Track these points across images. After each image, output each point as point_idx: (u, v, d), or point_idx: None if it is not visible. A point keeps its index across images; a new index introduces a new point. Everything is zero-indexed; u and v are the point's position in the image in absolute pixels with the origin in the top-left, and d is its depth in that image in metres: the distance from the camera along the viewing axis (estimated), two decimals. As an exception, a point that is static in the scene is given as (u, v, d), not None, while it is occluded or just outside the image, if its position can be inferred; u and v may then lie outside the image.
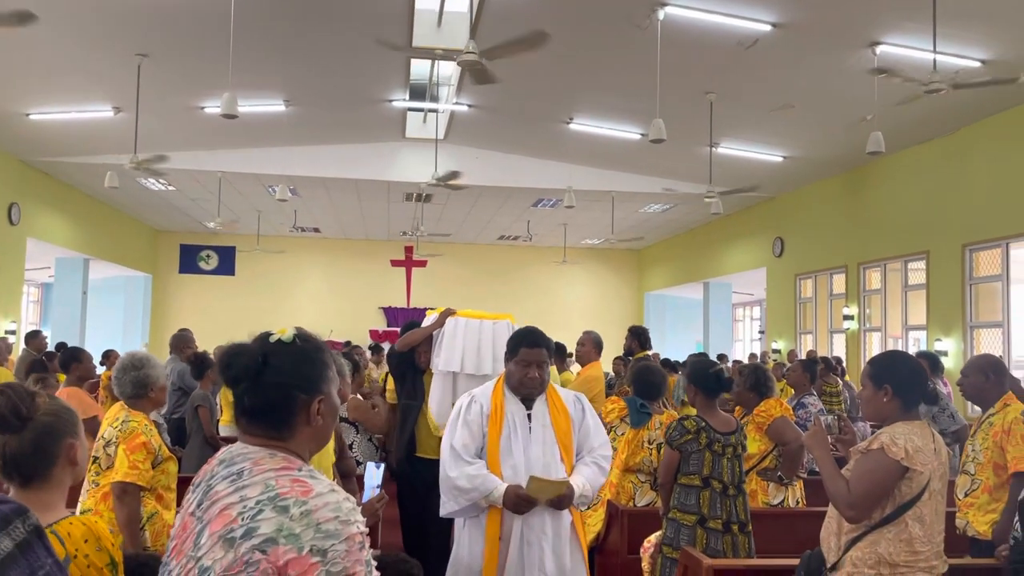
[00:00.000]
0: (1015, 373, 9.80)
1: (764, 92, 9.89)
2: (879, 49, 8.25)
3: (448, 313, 4.60)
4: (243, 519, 1.41)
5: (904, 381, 2.71)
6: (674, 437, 3.67)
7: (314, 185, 14.88)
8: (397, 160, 13.97)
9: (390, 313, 21.72)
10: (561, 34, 8.80)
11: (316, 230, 20.39)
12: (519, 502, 3.04)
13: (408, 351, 4.66)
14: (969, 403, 5.59)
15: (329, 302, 21.22)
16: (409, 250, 20.94)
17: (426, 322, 4.74)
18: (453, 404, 4.25)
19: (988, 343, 10.22)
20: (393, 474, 4.77)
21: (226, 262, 21.15)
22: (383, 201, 16.42)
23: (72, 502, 2.75)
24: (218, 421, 6.67)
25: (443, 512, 3.23)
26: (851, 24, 7.91)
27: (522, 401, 3.23)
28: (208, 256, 21.04)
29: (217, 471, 1.54)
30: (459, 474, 3.10)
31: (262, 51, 9.31)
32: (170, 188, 15.08)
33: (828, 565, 2.70)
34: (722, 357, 14.72)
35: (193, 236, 20.64)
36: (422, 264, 20.86)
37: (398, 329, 21.14)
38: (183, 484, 3.51)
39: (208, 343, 13.25)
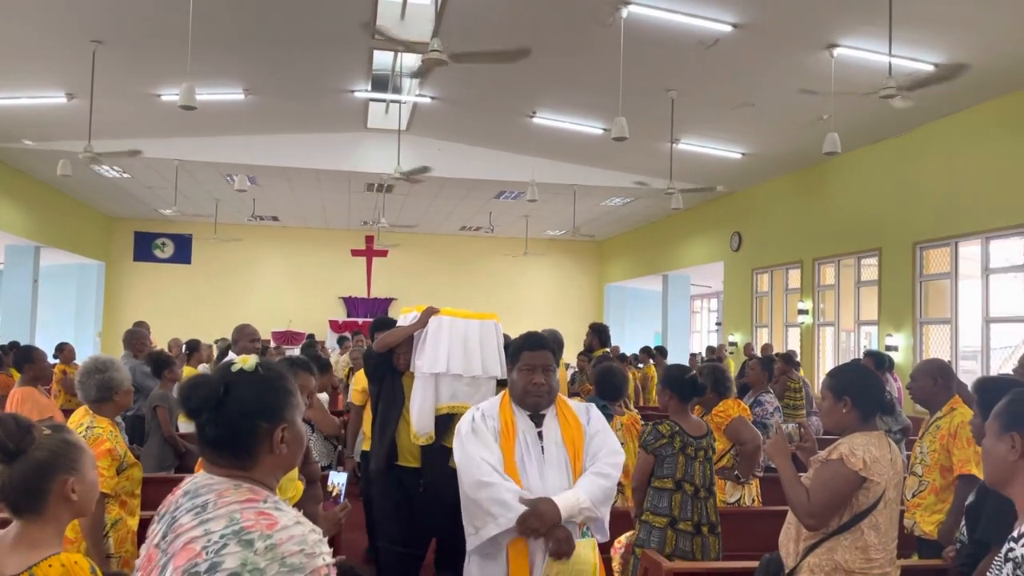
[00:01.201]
0: (963, 364, 10.16)
1: (724, 90, 10.02)
2: (836, 51, 8.41)
3: (431, 312, 4.29)
4: (208, 553, 1.40)
5: (863, 393, 2.80)
6: (649, 441, 3.73)
7: (274, 174, 14.70)
8: (358, 150, 13.87)
9: (350, 303, 21.59)
10: (525, 29, 8.82)
11: (275, 218, 20.15)
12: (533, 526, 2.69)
13: (386, 352, 4.37)
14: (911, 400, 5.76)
15: (288, 291, 21.02)
16: (370, 240, 20.82)
17: (403, 320, 4.45)
18: (436, 408, 4.18)
19: (937, 339, 10.52)
20: (358, 479, 4.72)
21: (182, 250, 20.81)
22: (344, 191, 16.29)
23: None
24: (177, 417, 6.61)
25: (478, 540, 2.78)
26: (809, 26, 8.05)
27: (530, 418, 2.91)
28: (163, 244, 20.68)
29: (181, 503, 1.53)
30: (504, 488, 2.71)
31: (221, 39, 9.16)
32: (125, 175, 14.78)
33: (786, 570, 2.79)
34: (710, 349, 15.03)
35: (148, 223, 20.25)
36: (383, 254, 20.76)
37: (359, 319, 20.93)
38: (144, 486, 3.49)
39: (163, 332, 13.06)
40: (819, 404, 2.85)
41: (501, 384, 4.34)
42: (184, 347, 7.66)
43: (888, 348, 10.62)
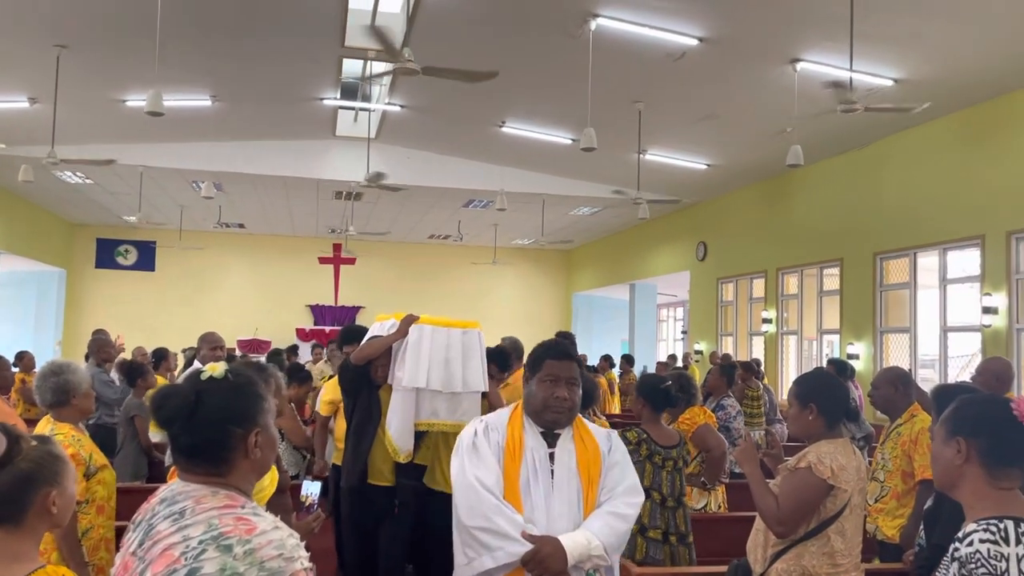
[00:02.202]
0: (922, 372, 10.39)
1: (690, 103, 10.18)
2: (799, 66, 8.59)
3: (411, 320, 4.07)
4: (186, 559, 1.41)
5: (828, 400, 2.87)
6: None
7: (240, 181, 14.58)
8: (327, 158, 13.82)
9: (317, 311, 21.45)
10: (495, 40, 8.89)
11: (241, 226, 19.97)
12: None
13: (364, 364, 4.13)
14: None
15: (254, 299, 20.81)
16: (337, 247, 20.71)
17: (378, 328, 4.22)
18: (415, 424, 4.02)
19: (896, 347, 10.75)
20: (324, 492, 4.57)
21: (145, 257, 20.52)
22: (312, 199, 16.21)
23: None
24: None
25: (469, 572, 2.43)
26: (773, 41, 8.22)
27: (543, 435, 2.56)
28: (127, 251, 20.38)
29: (158, 510, 1.54)
30: (504, 517, 2.37)
31: (189, 45, 9.09)
32: (88, 181, 14.56)
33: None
34: (672, 357, 15.20)
35: (111, 230, 19.95)
36: (351, 261, 20.67)
37: (325, 328, 20.69)
38: (118, 495, 3.44)
39: (126, 341, 12.82)
40: (785, 411, 2.92)
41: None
42: (151, 356, 7.57)
43: (850, 356, 10.83)
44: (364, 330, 4.69)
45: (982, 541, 1.70)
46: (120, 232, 19.89)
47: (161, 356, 7.65)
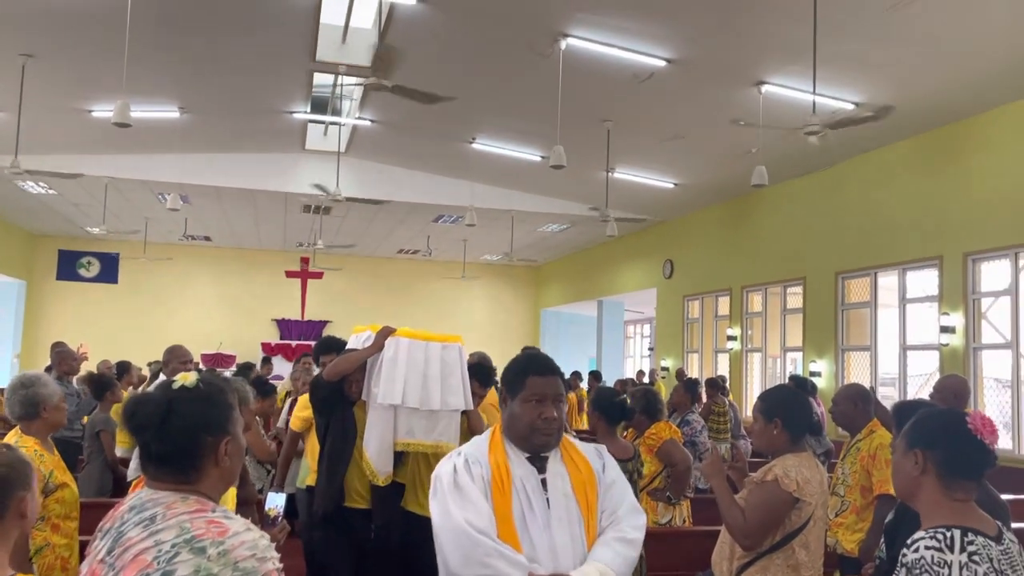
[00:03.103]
0: (882, 390, 10.58)
1: (658, 123, 10.33)
2: (764, 88, 8.78)
3: (387, 333, 3.86)
4: (159, 563, 1.43)
5: (793, 415, 2.94)
6: None
7: (207, 193, 14.46)
8: (296, 172, 13.77)
9: (284, 325, 21.25)
10: (466, 57, 8.96)
11: (207, 238, 19.77)
12: None
13: (338, 380, 3.89)
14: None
15: (219, 313, 20.58)
16: (305, 261, 20.57)
17: (354, 342, 4.04)
18: (394, 443, 3.80)
19: (857, 365, 10.95)
20: (292, 513, 4.40)
21: (109, 269, 20.18)
22: (280, 212, 16.12)
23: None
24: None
25: None
26: (739, 64, 8.40)
27: (530, 460, 2.28)
28: (89, 263, 20.03)
29: (128, 517, 1.55)
30: (505, 561, 2.08)
31: (158, 56, 9.03)
32: (51, 192, 14.34)
33: (720, 588, 2.90)
34: (641, 373, 15.27)
35: (73, 241, 19.62)
36: (318, 276, 20.52)
37: (292, 342, 20.40)
38: (82, 510, 3.39)
39: (89, 355, 12.57)
40: (750, 426, 2.99)
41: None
42: (114, 369, 7.47)
43: (812, 374, 11.01)
44: (342, 343, 4.51)
45: (927, 548, 1.77)
46: (83, 243, 19.57)
47: (124, 369, 7.55)
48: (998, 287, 8.88)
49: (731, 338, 13.66)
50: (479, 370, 4.56)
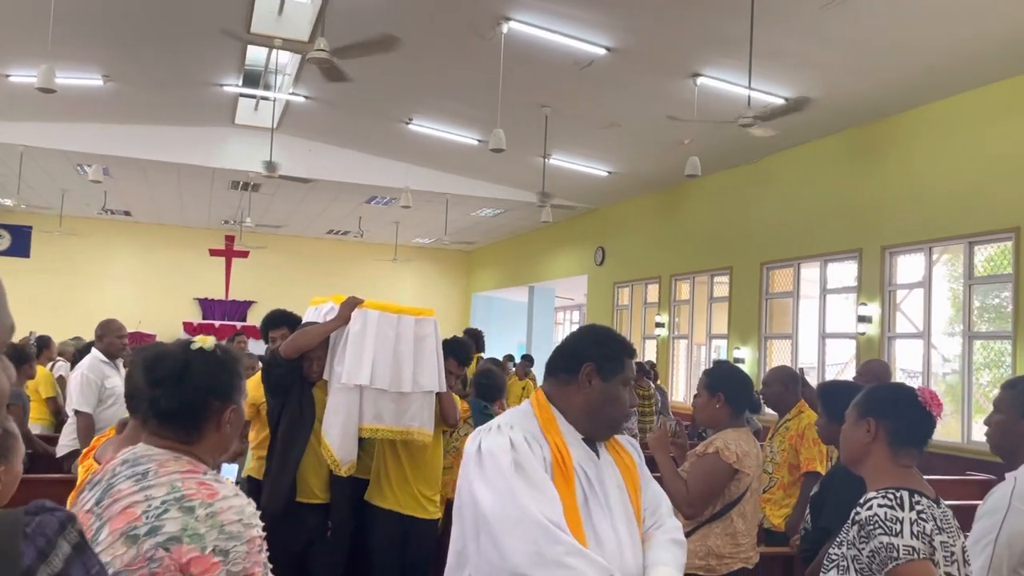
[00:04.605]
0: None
1: (595, 110, 10.45)
2: (699, 80, 8.97)
3: (353, 304, 3.51)
4: (148, 517, 1.47)
5: (735, 390, 3.09)
6: None
7: (130, 166, 13.95)
8: (224, 147, 13.41)
9: (207, 305, 20.73)
10: (406, 35, 8.86)
11: (127, 213, 19.09)
12: None
13: (296, 358, 3.52)
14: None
15: (139, 290, 19.92)
16: (230, 239, 20.10)
17: (312, 314, 3.72)
18: (359, 428, 3.44)
19: (779, 352, 11.35)
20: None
21: (20, 242, 19.31)
22: (206, 188, 15.67)
23: None
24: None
25: None
26: (676, 55, 8.56)
27: (585, 443, 2.02)
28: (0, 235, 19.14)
29: (120, 470, 1.58)
30: (587, 561, 1.77)
31: (81, 20, 8.66)
32: (-41, 159, 13.61)
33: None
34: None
35: (-18, 212, 18.70)
36: (244, 255, 20.10)
37: (215, 322, 19.91)
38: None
39: None
40: (694, 400, 3.10)
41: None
42: (34, 342, 7.19)
43: (736, 360, 11.35)
44: (294, 317, 4.15)
45: (880, 505, 1.90)
46: (-8, 215, 18.67)
47: (44, 344, 7.27)
48: (912, 279, 9.33)
49: (659, 325, 13.97)
50: (458, 347, 4.16)
